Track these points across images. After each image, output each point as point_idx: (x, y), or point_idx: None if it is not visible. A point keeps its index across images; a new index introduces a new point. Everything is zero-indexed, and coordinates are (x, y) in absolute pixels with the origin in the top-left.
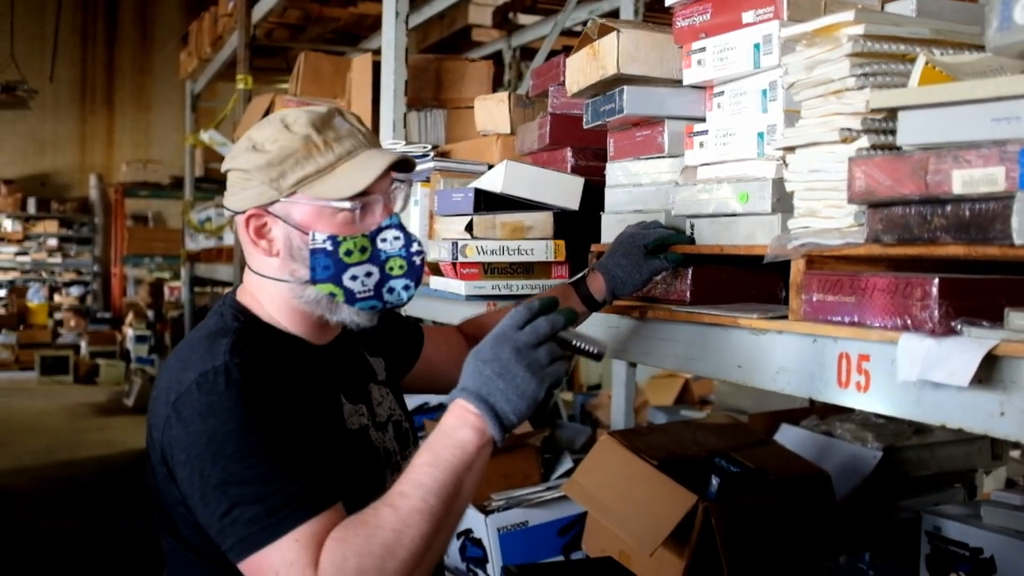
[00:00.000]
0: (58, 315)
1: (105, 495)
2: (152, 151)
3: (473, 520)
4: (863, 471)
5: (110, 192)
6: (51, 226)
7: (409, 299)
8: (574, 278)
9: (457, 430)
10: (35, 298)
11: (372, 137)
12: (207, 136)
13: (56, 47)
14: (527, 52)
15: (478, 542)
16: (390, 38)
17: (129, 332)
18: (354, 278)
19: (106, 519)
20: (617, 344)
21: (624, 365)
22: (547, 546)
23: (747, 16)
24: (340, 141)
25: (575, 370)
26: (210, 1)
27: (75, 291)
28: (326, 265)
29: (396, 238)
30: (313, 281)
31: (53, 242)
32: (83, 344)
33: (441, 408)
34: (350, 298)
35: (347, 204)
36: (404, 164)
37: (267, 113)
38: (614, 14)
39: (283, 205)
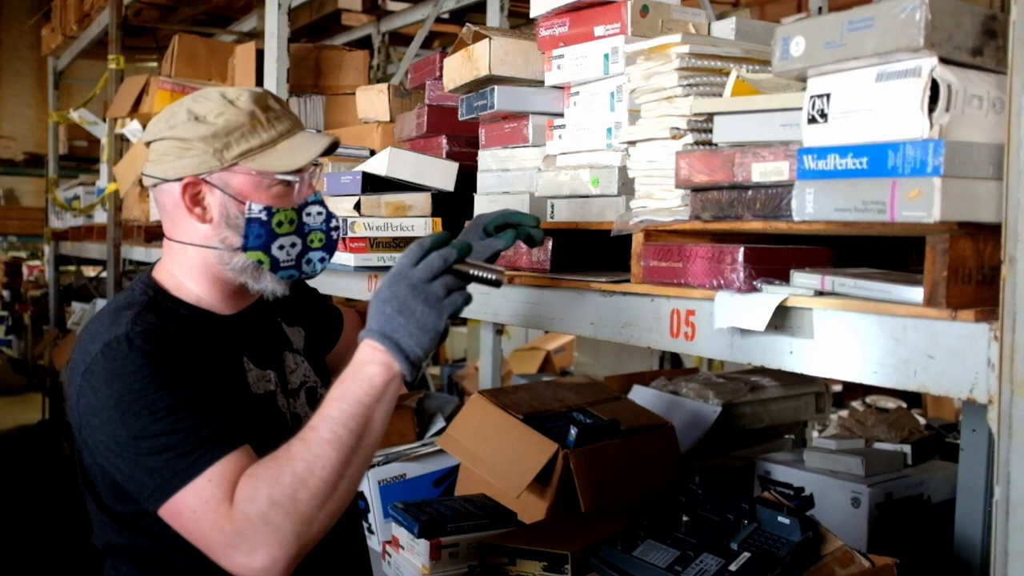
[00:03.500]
0: None
1: None
2: (3, 126)
3: None
4: (704, 424)
5: None
6: None
7: (322, 270)
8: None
9: (365, 366)
10: None
11: (299, 120)
12: (77, 114)
13: None
14: (396, 37)
15: (360, 495)
16: (272, 27)
17: None
18: (280, 247)
19: None
20: (488, 309)
21: (491, 334)
22: (424, 495)
23: (598, 30)
24: (280, 120)
25: (441, 345)
26: None
27: None
28: (259, 234)
29: (319, 213)
30: (244, 248)
31: None
32: None
33: None
34: (274, 266)
35: (290, 178)
36: (330, 147)
37: (142, 93)
38: (481, 6)
39: (222, 175)
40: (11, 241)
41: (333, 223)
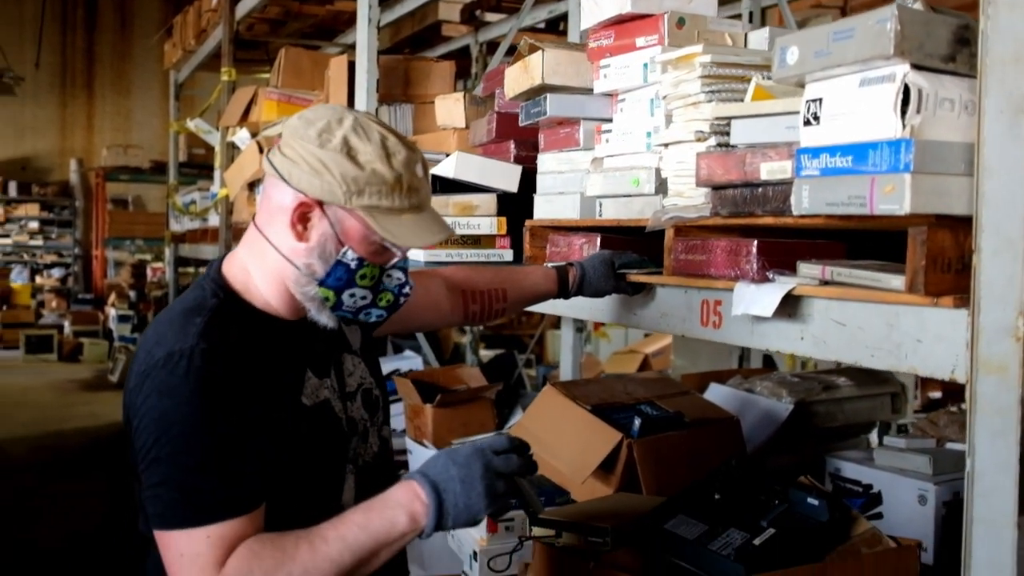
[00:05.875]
0: (40, 296)
1: (93, 463)
2: (132, 136)
3: None
4: (776, 422)
5: (90, 176)
6: (32, 209)
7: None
8: (555, 264)
9: (398, 508)
10: (18, 279)
11: (430, 195)
12: (193, 124)
13: (41, 34)
14: (493, 47)
15: None
16: (363, 41)
17: (112, 312)
18: (351, 296)
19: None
20: (547, 304)
21: (572, 332)
22: None
23: (639, 41)
24: (416, 192)
25: (544, 345)
26: None
27: (56, 273)
28: (340, 277)
29: (399, 278)
30: (320, 283)
31: (34, 225)
32: (66, 324)
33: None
34: (336, 307)
35: (395, 249)
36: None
37: (251, 103)
38: (566, 16)
39: (339, 211)
40: (138, 244)
41: (406, 290)
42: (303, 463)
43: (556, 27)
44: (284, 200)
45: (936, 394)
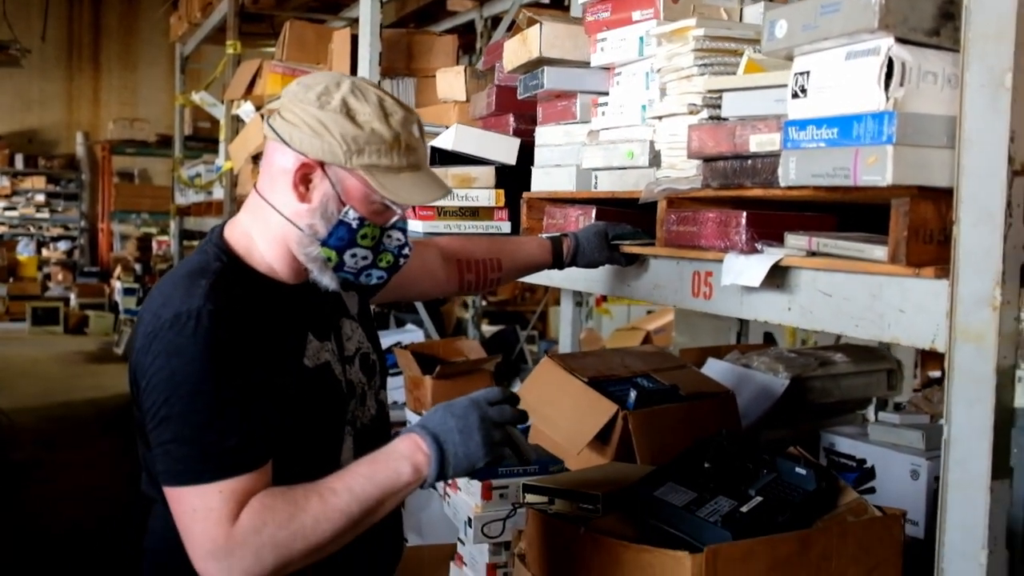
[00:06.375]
0: (46, 269)
1: (100, 432)
2: (139, 110)
3: None
4: (772, 396)
5: (96, 149)
6: (39, 182)
7: (375, 285)
8: (550, 235)
9: (401, 459)
10: (24, 252)
11: (427, 155)
12: (199, 97)
13: (47, 7)
14: (497, 21)
15: None
16: (366, 15)
17: (117, 285)
18: (353, 256)
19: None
20: (542, 275)
21: (571, 305)
22: None
23: (635, 15)
24: (413, 151)
25: (546, 321)
26: None
27: (63, 246)
28: (342, 236)
29: (398, 239)
30: (323, 243)
31: (41, 198)
32: (72, 296)
33: None
34: (338, 267)
35: (395, 207)
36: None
37: (255, 76)
38: None
39: (340, 171)
40: (143, 218)
41: (406, 251)
42: (304, 423)
43: (560, 2)
44: (286, 163)
45: (936, 373)
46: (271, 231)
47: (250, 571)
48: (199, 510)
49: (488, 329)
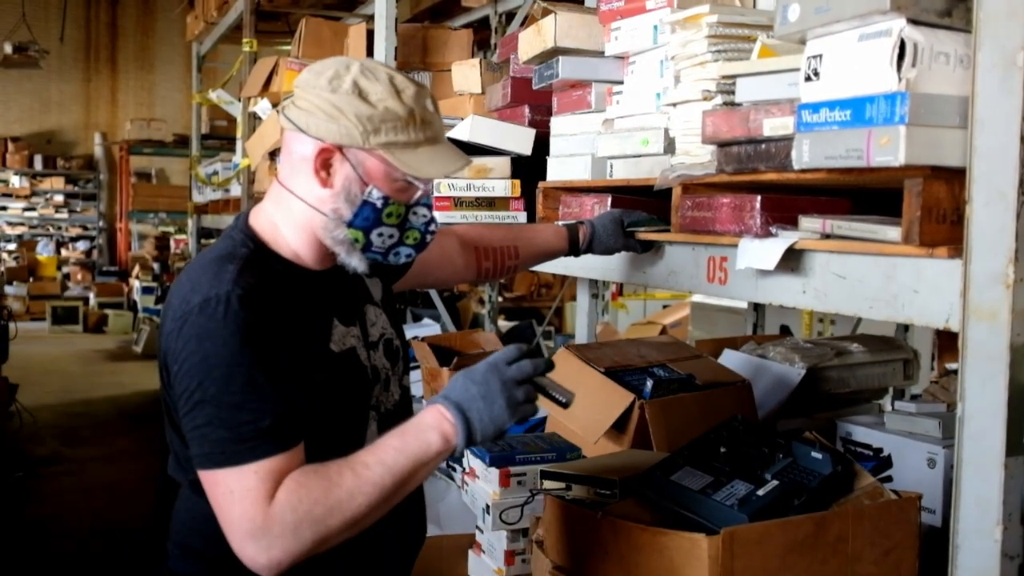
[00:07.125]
0: (66, 269)
1: (119, 429)
2: (156, 110)
3: None
4: (788, 386)
5: (114, 150)
6: (57, 183)
7: (404, 263)
8: (566, 223)
9: (429, 430)
10: (44, 252)
11: (444, 128)
12: (215, 95)
13: (66, 8)
14: (512, 17)
15: None
16: (382, 10)
17: (136, 284)
18: (380, 235)
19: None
20: (559, 263)
21: (587, 296)
22: None
23: (649, 3)
24: (430, 125)
25: (563, 316)
26: None
27: (81, 246)
28: (367, 217)
29: (424, 215)
30: (349, 225)
31: (59, 198)
32: (91, 296)
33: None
34: (366, 248)
35: (417, 182)
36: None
37: (272, 73)
38: None
39: (359, 153)
40: (161, 217)
41: (432, 227)
42: (330, 408)
43: None
44: (305, 150)
45: (953, 365)
46: (295, 219)
47: (289, 549)
48: (236, 491)
49: (504, 324)
